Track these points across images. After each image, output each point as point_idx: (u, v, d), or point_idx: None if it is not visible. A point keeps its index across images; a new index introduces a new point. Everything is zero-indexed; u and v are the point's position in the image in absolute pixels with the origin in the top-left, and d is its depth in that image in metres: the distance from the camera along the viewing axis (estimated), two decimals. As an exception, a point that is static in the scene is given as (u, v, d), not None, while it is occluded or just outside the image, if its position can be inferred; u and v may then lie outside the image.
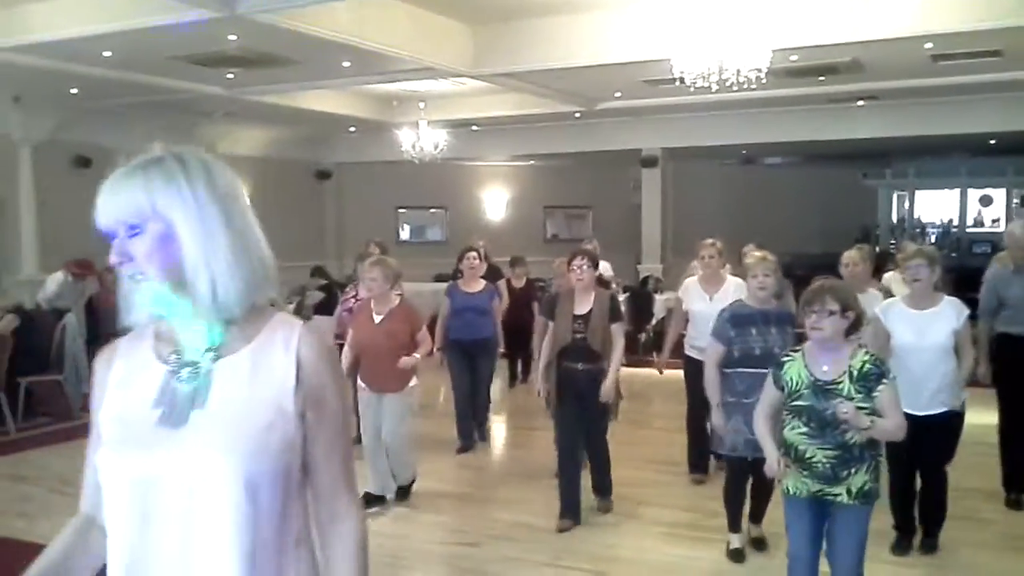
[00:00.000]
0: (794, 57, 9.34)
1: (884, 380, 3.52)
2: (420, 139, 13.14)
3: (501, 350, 8.16)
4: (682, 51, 7.50)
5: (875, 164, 19.27)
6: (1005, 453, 5.87)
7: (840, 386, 3.53)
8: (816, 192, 18.50)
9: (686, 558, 5.12)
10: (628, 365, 10.71)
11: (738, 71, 7.32)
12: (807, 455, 3.60)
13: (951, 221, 19.40)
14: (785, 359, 3.74)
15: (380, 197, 17.33)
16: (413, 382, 5.94)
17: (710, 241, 6.27)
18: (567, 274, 5.82)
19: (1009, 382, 5.73)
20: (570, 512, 5.59)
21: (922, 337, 4.74)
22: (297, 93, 12.25)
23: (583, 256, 5.63)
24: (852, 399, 3.47)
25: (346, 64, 9.93)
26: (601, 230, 17.73)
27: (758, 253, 5.12)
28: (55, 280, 10.61)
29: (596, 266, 5.75)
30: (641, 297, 12.22)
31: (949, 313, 4.78)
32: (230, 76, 10.75)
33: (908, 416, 4.29)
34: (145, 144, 1.61)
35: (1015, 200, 18.83)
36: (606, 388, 5.52)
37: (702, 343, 5.75)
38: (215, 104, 12.41)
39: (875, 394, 3.50)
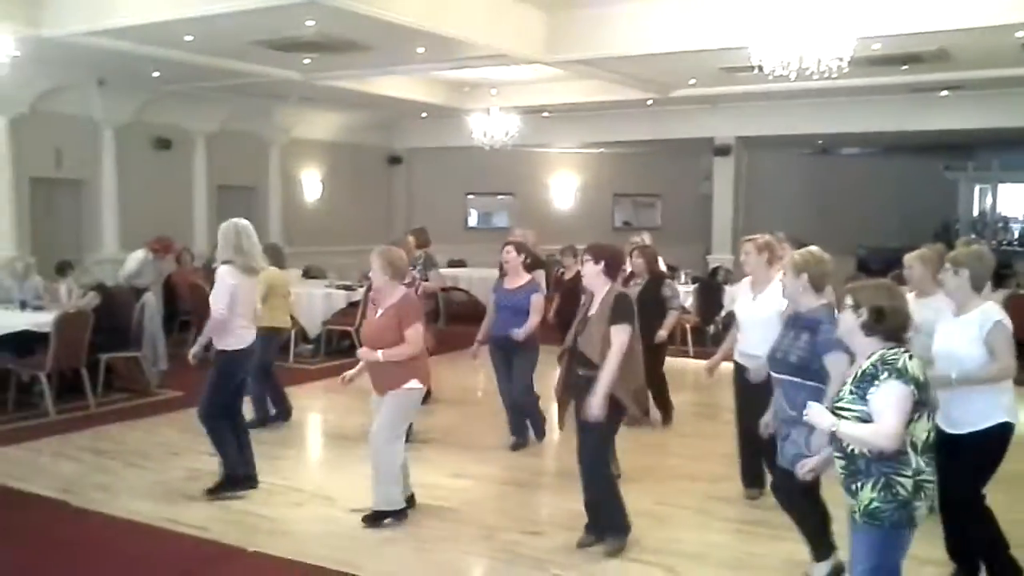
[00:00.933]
0: (876, 45, 9.06)
1: (878, 380, 3.20)
2: (491, 125, 13.13)
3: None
4: (761, 39, 7.32)
5: (957, 156, 18.70)
6: None
7: (844, 388, 3.33)
8: (895, 184, 18.02)
9: (754, 555, 5.05)
10: (697, 356, 10.75)
11: (819, 60, 7.11)
12: (836, 465, 3.41)
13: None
14: None
15: (449, 183, 17.43)
16: (411, 384, 5.36)
17: (749, 237, 5.68)
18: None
19: None
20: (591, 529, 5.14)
21: (950, 346, 4.29)
22: (371, 78, 12.34)
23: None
24: (842, 399, 3.28)
25: (420, 50, 9.96)
26: (670, 219, 17.62)
27: (800, 252, 4.57)
28: (135, 259, 10.94)
29: (596, 258, 5.03)
30: (710, 288, 12.07)
31: (976, 321, 4.23)
32: (307, 61, 10.88)
33: (939, 433, 3.79)
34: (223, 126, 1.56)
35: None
36: (595, 402, 4.78)
37: (749, 349, 5.40)
38: (291, 88, 12.59)
39: (868, 395, 3.21)
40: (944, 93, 12.51)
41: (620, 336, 4.83)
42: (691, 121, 14.64)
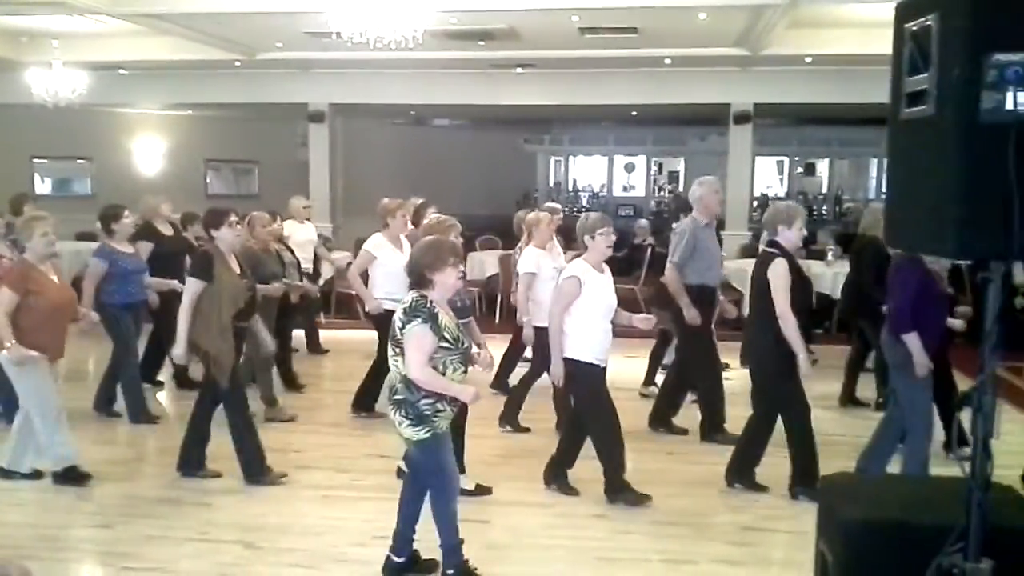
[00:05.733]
0: (453, 20, 9.48)
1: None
2: (55, 81, 11.72)
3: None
4: (337, 5, 7.29)
5: (536, 130, 20.37)
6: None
7: None
8: (482, 155, 19.15)
9: (339, 519, 5.10)
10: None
11: (395, 29, 7.25)
12: None
13: (601, 185, 21.09)
14: None
15: (10, 145, 15.34)
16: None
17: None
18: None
19: None
20: None
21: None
22: None
23: None
24: None
25: (-46, -10, 8.60)
26: (268, 186, 17.12)
27: None
28: None
29: None
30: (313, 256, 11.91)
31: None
32: None
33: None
34: None
35: (654, 167, 20.85)
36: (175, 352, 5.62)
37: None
38: None
39: None
40: (519, 70, 13.47)
41: (186, 289, 5.49)
42: (283, 85, 14.29)
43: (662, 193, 20.74)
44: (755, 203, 17.01)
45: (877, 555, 2.69)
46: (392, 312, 5.97)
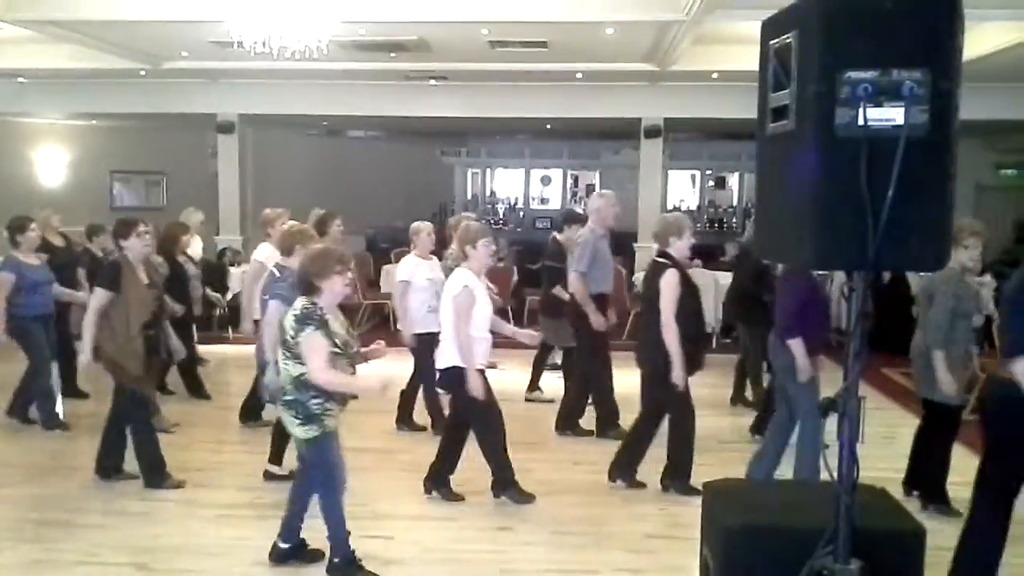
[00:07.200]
0: (362, 31, 9.41)
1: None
2: (-53, 89, 11.28)
3: None
4: (238, 14, 7.16)
5: (453, 143, 20.37)
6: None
7: None
8: (399, 167, 19.05)
9: (237, 539, 4.98)
10: (202, 342, 10.37)
11: (299, 39, 7.16)
12: None
13: (518, 198, 21.21)
14: None
15: (-100, 155, 14.68)
16: None
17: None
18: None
19: None
20: None
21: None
22: None
23: None
24: None
25: None
26: (177, 198, 16.69)
27: None
28: None
29: None
30: (216, 270, 11.67)
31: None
32: None
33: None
34: None
35: (570, 179, 21.05)
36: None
37: None
38: None
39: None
40: (432, 82, 13.45)
41: (93, 297, 5.62)
42: (191, 95, 13.95)
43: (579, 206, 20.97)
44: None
45: (755, 559, 2.75)
46: None
